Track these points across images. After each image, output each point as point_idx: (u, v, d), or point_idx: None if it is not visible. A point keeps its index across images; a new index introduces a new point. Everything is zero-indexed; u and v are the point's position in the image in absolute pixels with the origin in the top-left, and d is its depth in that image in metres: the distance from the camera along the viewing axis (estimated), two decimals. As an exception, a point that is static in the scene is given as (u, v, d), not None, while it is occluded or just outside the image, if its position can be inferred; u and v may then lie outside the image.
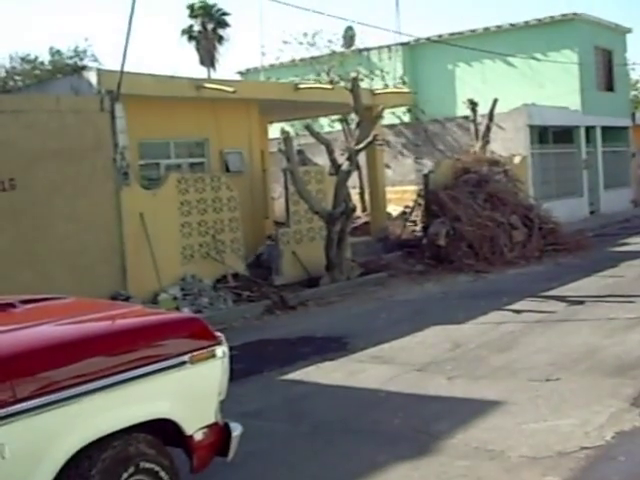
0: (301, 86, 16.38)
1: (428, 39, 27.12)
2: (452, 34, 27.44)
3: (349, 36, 25.53)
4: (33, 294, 5.17)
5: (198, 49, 42.74)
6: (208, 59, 41.85)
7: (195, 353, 4.17)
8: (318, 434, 6.30)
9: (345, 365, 8.50)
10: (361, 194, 22.04)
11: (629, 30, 29.92)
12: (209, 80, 15.98)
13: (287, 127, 18.81)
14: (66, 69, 27.65)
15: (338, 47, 25.35)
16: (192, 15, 42.67)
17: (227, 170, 14.73)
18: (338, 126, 23.60)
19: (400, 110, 24.80)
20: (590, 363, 7.81)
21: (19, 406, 3.34)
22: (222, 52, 43.33)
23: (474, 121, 20.60)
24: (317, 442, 6.11)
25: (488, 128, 19.99)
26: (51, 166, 11.19)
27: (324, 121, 24.73)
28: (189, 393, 4.19)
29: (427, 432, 6.05)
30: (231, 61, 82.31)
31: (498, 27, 27.04)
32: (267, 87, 18.14)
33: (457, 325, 10.18)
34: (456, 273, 15.13)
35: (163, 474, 3.98)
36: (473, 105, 20.66)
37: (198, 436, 4.21)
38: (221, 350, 4.35)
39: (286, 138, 13.84)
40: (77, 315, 4.41)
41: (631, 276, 13.53)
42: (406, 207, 19.91)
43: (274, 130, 19.56)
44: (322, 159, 19.02)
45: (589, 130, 27.16)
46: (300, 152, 20.99)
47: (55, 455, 3.51)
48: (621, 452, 5.37)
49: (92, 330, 4.13)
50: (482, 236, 16.24)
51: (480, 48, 24.89)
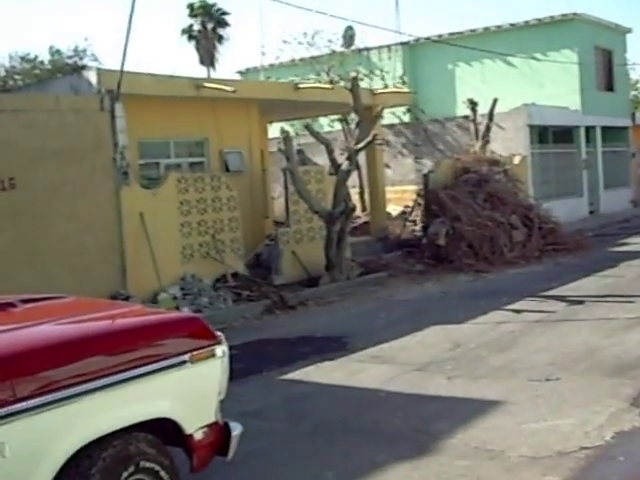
0: (301, 86, 16.36)
1: (428, 39, 27.13)
2: (452, 34, 27.44)
3: (349, 36, 25.49)
4: (33, 294, 5.17)
5: (198, 48, 42.77)
6: (208, 59, 41.87)
7: (195, 352, 4.18)
8: (318, 434, 6.30)
9: (345, 365, 8.50)
10: (361, 194, 22.02)
11: (629, 30, 29.93)
12: (209, 80, 15.98)
13: (287, 127, 18.81)
14: (66, 68, 27.66)
15: (338, 47, 25.31)
16: (192, 14, 42.71)
17: (227, 170, 14.73)
18: (338, 126, 23.59)
19: (400, 110, 24.82)
20: (590, 363, 7.81)
21: (19, 405, 3.34)
22: (222, 52, 43.46)
23: (474, 121, 20.59)
24: (317, 442, 6.10)
25: (488, 128, 19.98)
26: (51, 166, 11.18)
27: (324, 121, 24.72)
28: (189, 392, 4.19)
29: (427, 432, 6.05)
30: (231, 61, 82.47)
31: (498, 27, 27.05)
32: (267, 87, 18.13)
33: (457, 325, 10.18)
34: (456, 273, 15.13)
35: (163, 473, 3.98)
36: (473, 105, 20.65)
37: (198, 435, 4.21)
38: (221, 350, 4.35)
39: (286, 138, 13.84)
40: (77, 314, 4.42)
41: (630, 276, 13.54)
42: (406, 207, 19.91)
43: (274, 130, 19.55)
44: (322, 159, 19.02)
45: (589, 130, 27.16)
46: (300, 152, 20.97)
47: (55, 454, 3.52)
48: (621, 452, 5.37)
49: (92, 329, 4.13)
50: (482, 236, 16.23)
51: (480, 48, 24.88)
